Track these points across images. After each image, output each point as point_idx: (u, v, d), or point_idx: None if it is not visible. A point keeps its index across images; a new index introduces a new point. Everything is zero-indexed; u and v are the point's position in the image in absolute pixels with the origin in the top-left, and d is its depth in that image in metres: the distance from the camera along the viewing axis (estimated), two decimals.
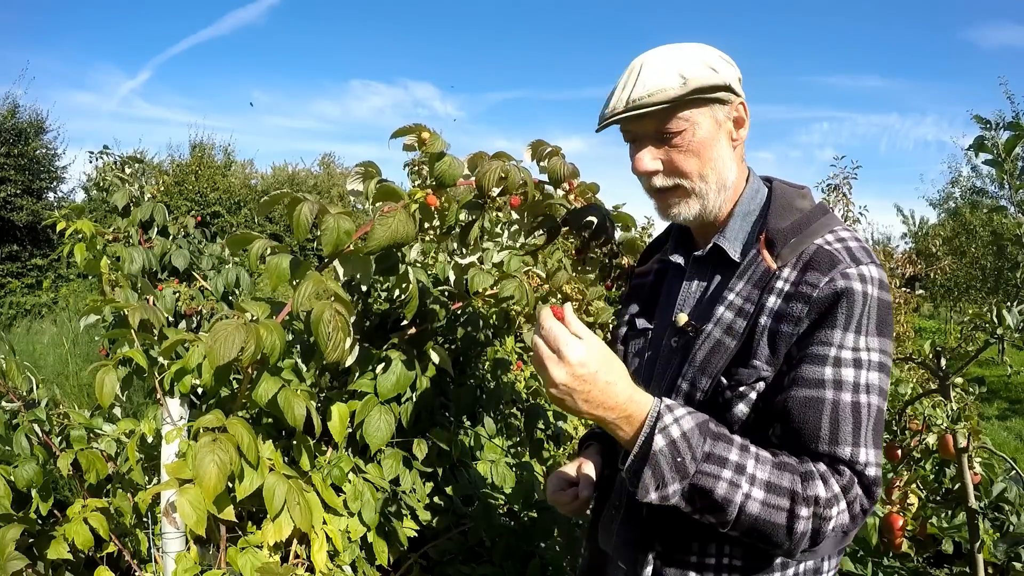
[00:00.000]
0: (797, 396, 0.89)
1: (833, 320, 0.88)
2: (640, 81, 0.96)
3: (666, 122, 0.97)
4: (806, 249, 0.94)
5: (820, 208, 1.01)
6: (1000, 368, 8.48)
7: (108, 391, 1.40)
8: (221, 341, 1.16)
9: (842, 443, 0.86)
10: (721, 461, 0.84)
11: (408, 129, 1.42)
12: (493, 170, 1.40)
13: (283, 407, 1.32)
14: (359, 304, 1.91)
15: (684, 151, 0.98)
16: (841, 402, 0.87)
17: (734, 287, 0.97)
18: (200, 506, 1.25)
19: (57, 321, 8.54)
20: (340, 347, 1.24)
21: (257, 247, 1.40)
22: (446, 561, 1.90)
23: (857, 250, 0.93)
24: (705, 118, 0.98)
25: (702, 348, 0.96)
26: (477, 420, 2.13)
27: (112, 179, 2.67)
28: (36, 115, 12.48)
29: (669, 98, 0.95)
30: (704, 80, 0.95)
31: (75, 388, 5.17)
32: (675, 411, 0.86)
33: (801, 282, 0.91)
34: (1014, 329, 1.65)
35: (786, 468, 0.86)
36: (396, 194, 1.40)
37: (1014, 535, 1.60)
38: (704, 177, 1.00)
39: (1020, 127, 1.65)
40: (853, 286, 0.89)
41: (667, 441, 0.83)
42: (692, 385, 0.96)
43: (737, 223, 1.03)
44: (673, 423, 0.84)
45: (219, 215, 13.18)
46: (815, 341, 0.89)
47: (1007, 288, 9.69)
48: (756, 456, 0.86)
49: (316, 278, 1.28)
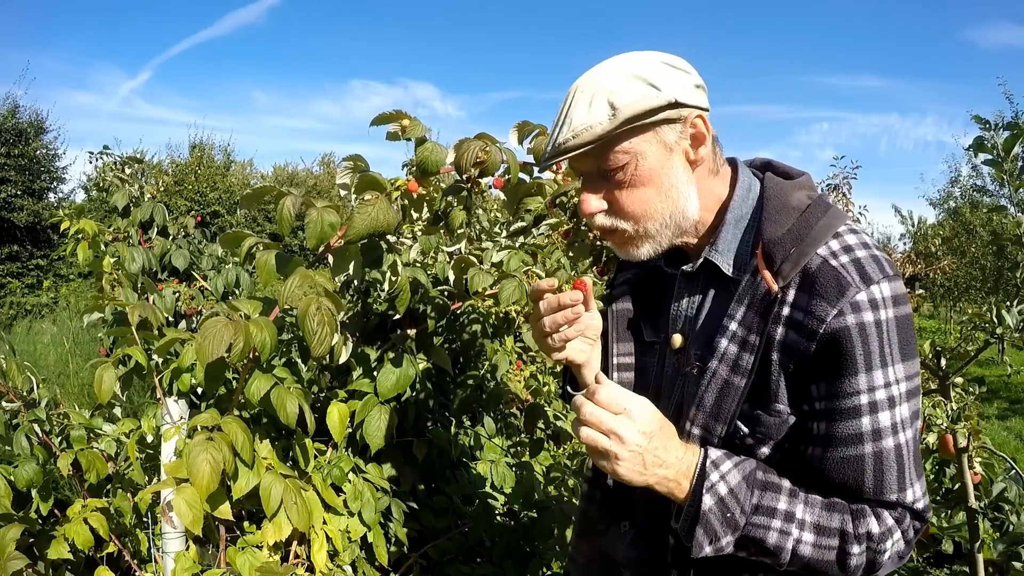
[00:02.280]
0: (834, 457, 0.83)
1: (853, 364, 0.81)
2: (567, 119, 0.86)
3: (603, 159, 0.87)
4: (809, 263, 0.84)
5: (820, 204, 0.89)
6: (1000, 368, 8.51)
7: (107, 387, 1.40)
8: (209, 338, 1.15)
9: (888, 491, 0.83)
10: (770, 512, 0.82)
11: (388, 116, 1.38)
12: (471, 149, 1.35)
13: (275, 404, 1.32)
14: (358, 303, 1.91)
15: (628, 188, 0.87)
16: (883, 452, 0.82)
17: (734, 314, 0.88)
18: (196, 505, 1.24)
19: (57, 321, 8.55)
20: (326, 342, 1.22)
21: (246, 245, 1.40)
22: (446, 561, 1.90)
23: (867, 262, 0.83)
24: (650, 146, 0.86)
25: (710, 390, 0.88)
26: (477, 420, 2.13)
27: (112, 179, 2.68)
28: (36, 115, 12.50)
29: (596, 136, 0.84)
30: (638, 106, 0.83)
31: (75, 388, 5.17)
32: (721, 466, 0.83)
33: (807, 311, 0.82)
34: (1014, 329, 1.65)
35: (836, 508, 0.84)
36: (379, 184, 1.37)
37: (1014, 535, 1.61)
38: (651, 216, 0.89)
39: (1019, 127, 1.65)
40: (864, 319, 0.80)
41: (715, 500, 0.81)
42: (706, 430, 0.89)
43: (729, 232, 0.92)
44: (720, 480, 0.82)
45: (219, 215, 13.19)
46: (840, 392, 0.82)
47: (1007, 288, 9.68)
48: (805, 500, 0.84)
49: (303, 273, 1.27)
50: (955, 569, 2.21)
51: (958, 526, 2.08)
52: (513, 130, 1.47)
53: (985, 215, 10.89)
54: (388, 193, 1.37)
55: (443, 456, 1.95)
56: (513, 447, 2.39)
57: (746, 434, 0.87)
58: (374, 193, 1.35)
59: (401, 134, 1.39)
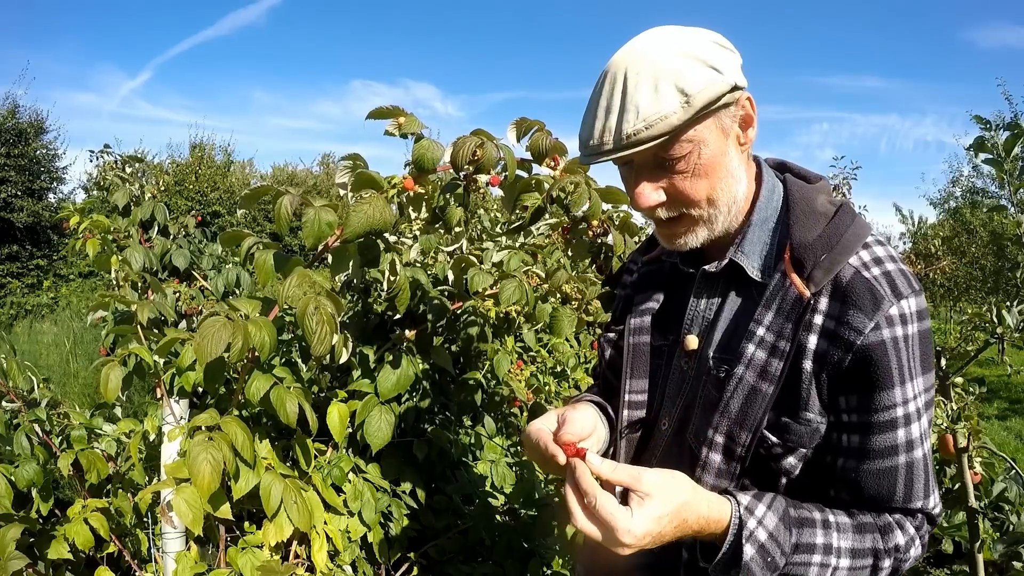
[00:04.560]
0: (870, 469, 0.84)
1: (889, 377, 0.81)
2: (629, 105, 0.80)
3: (667, 148, 0.83)
4: (841, 272, 0.83)
5: (847, 211, 0.88)
6: (1000, 368, 8.50)
7: (113, 386, 1.40)
8: (207, 338, 1.14)
9: (915, 499, 0.85)
10: (810, 548, 0.82)
11: (384, 112, 1.37)
12: (466, 146, 1.34)
13: (275, 404, 1.32)
14: (358, 303, 1.91)
15: (690, 176, 0.84)
16: (915, 462, 0.84)
17: (762, 319, 0.85)
18: (196, 505, 1.24)
19: (58, 321, 8.55)
20: (326, 341, 1.21)
21: (245, 244, 1.40)
22: (446, 560, 1.91)
23: (897, 276, 0.83)
24: (711, 132, 0.83)
25: (736, 396, 0.86)
26: (477, 420, 2.13)
27: (113, 178, 2.67)
28: (36, 115, 12.50)
29: (672, 127, 0.80)
30: (710, 92, 0.80)
31: (77, 388, 5.17)
32: (756, 511, 0.81)
33: (842, 321, 0.81)
34: (1014, 329, 1.65)
35: (866, 529, 0.85)
36: (376, 182, 1.36)
37: (1014, 535, 1.61)
38: (714, 201, 0.87)
39: (1019, 127, 1.65)
40: (897, 333, 0.81)
41: (756, 548, 0.80)
42: (730, 438, 0.86)
43: (755, 233, 0.90)
44: (758, 526, 0.80)
45: (219, 215, 13.19)
46: (877, 405, 0.82)
47: (1007, 288, 9.69)
48: (837, 527, 0.84)
49: (302, 272, 1.27)
50: (955, 569, 2.21)
51: (958, 526, 2.08)
52: (511, 127, 1.44)
53: (985, 215, 10.89)
54: (385, 191, 1.36)
55: (443, 456, 1.95)
56: (513, 447, 2.39)
57: (775, 443, 0.85)
58: (371, 191, 1.34)
59: (397, 130, 1.37)
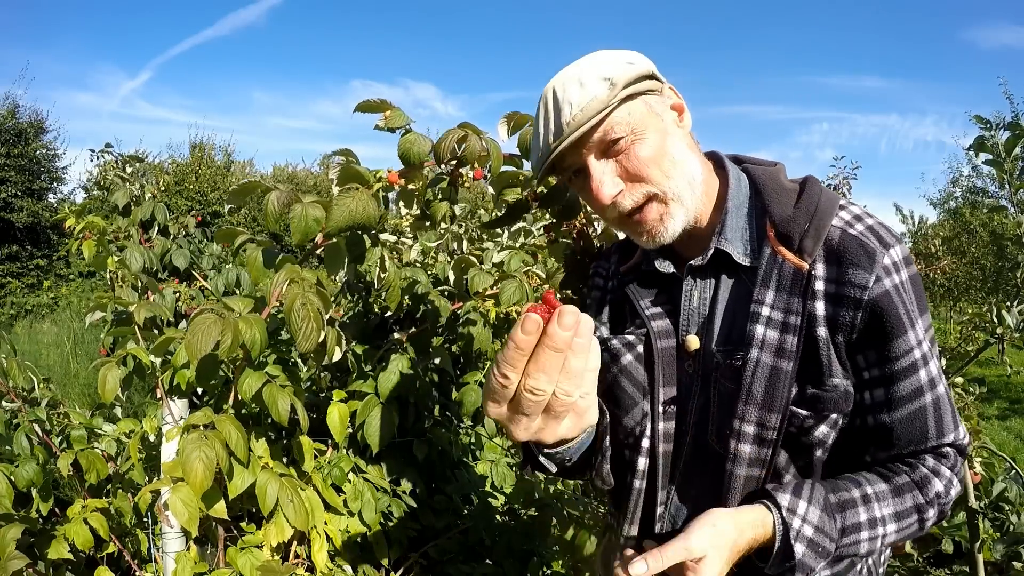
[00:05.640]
0: (902, 416, 0.86)
1: (900, 324, 0.83)
2: (563, 106, 0.87)
3: (605, 133, 0.87)
4: (830, 235, 0.85)
5: (813, 183, 0.92)
6: (1000, 368, 8.50)
7: (111, 387, 1.40)
8: (197, 335, 1.14)
9: (947, 433, 0.87)
10: (856, 527, 0.84)
11: (372, 105, 1.36)
12: (449, 139, 1.32)
13: (267, 402, 1.32)
14: (359, 304, 1.91)
15: (635, 151, 0.87)
16: (939, 397, 0.86)
17: (764, 299, 0.86)
18: (192, 504, 1.24)
19: (58, 321, 8.55)
20: (312, 337, 1.21)
21: (238, 242, 1.40)
22: (446, 560, 1.90)
23: (879, 228, 0.87)
24: (643, 111, 0.88)
25: (756, 381, 0.85)
26: (478, 420, 2.13)
27: (113, 178, 2.67)
28: (36, 115, 12.52)
29: (603, 104, 0.85)
30: (629, 74, 0.86)
31: (77, 388, 5.17)
32: (798, 510, 0.82)
33: (844, 281, 0.83)
34: (1014, 329, 1.65)
35: (904, 489, 0.87)
36: (361, 176, 1.35)
37: (1014, 535, 1.61)
38: (668, 173, 0.88)
39: (1020, 127, 1.65)
40: (896, 279, 0.84)
41: (806, 544, 0.81)
42: (760, 425, 0.85)
43: (733, 218, 0.92)
44: (803, 524, 0.82)
45: (219, 215, 13.18)
46: (895, 353, 0.84)
47: (1007, 288, 9.69)
48: (877, 497, 0.86)
49: (291, 269, 1.26)
50: (955, 569, 2.21)
51: (958, 526, 2.08)
52: (502, 121, 1.42)
53: (985, 215, 10.89)
54: (370, 185, 1.35)
55: (443, 456, 1.95)
56: (513, 447, 2.39)
57: (806, 416, 0.85)
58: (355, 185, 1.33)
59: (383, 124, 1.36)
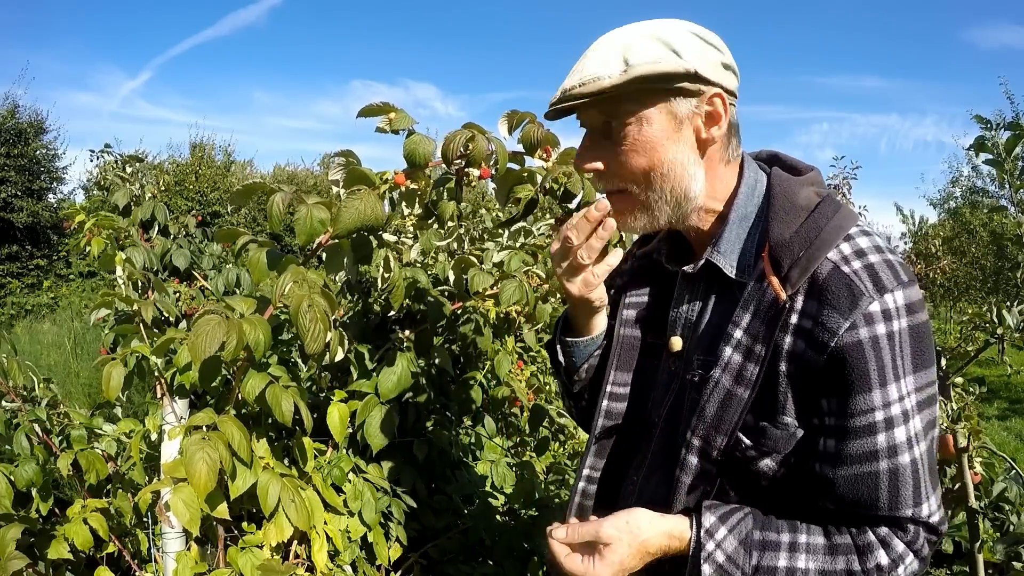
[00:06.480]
0: (847, 474, 0.80)
1: (865, 380, 0.76)
2: (582, 66, 0.83)
3: (610, 115, 0.84)
4: (819, 269, 0.79)
5: (829, 202, 0.84)
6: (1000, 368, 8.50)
7: (115, 385, 1.40)
8: (202, 336, 1.13)
9: (903, 506, 0.79)
10: (771, 571, 0.81)
11: (376, 108, 1.36)
12: (456, 139, 1.33)
13: (271, 403, 1.31)
14: (359, 304, 1.91)
15: (628, 150, 0.84)
16: (899, 467, 0.78)
17: (740, 321, 0.83)
18: (194, 505, 1.24)
19: (58, 321, 8.55)
20: (320, 338, 1.21)
21: (240, 242, 1.39)
22: (446, 560, 1.90)
23: (881, 268, 0.78)
24: (659, 113, 0.82)
25: (711, 400, 0.84)
26: (478, 420, 2.13)
27: (113, 178, 2.67)
28: (36, 115, 12.50)
29: (602, 88, 0.80)
30: (652, 67, 0.79)
31: (77, 388, 5.17)
32: (716, 534, 0.82)
33: (817, 321, 0.78)
34: (1014, 329, 1.65)
35: (839, 551, 0.81)
36: (367, 178, 1.35)
37: (1014, 535, 1.61)
38: (651, 184, 0.85)
39: (1020, 127, 1.65)
40: (877, 331, 0.76)
41: (714, 568, 0.81)
42: (706, 442, 0.85)
43: (733, 231, 0.88)
44: (716, 549, 0.82)
45: (219, 215, 13.18)
46: (853, 410, 0.78)
47: (1007, 288, 9.69)
48: (806, 548, 0.82)
49: (295, 270, 1.26)
50: (955, 569, 2.21)
51: (958, 526, 2.08)
52: (502, 119, 1.42)
53: (985, 215, 10.89)
54: (376, 187, 1.35)
55: (443, 456, 1.95)
56: (514, 447, 2.39)
57: (748, 446, 0.83)
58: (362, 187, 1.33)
59: (388, 126, 1.37)
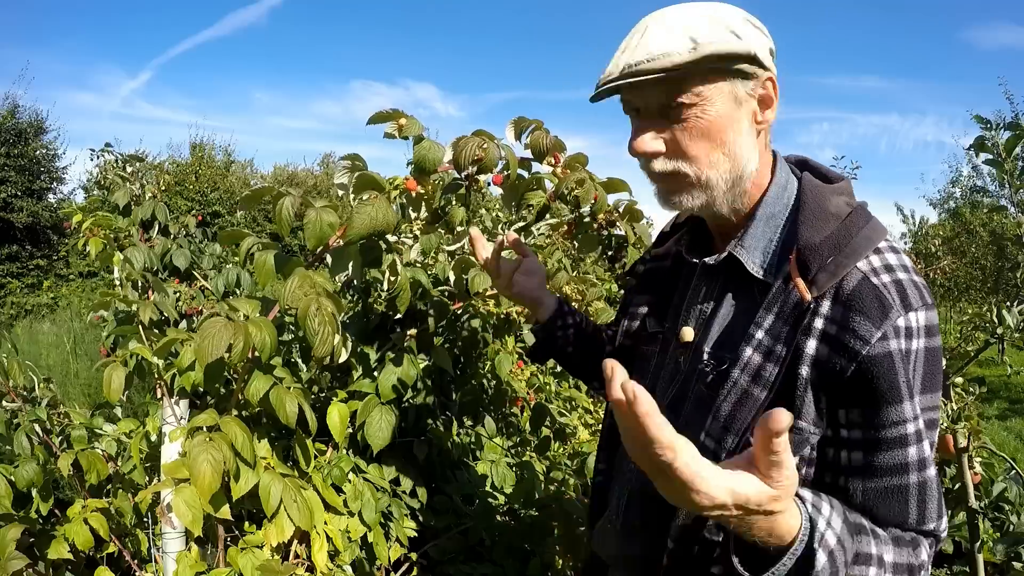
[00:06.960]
0: (878, 486, 0.78)
1: (897, 392, 0.75)
2: (643, 43, 0.80)
3: (673, 95, 0.81)
4: (848, 276, 0.78)
5: (861, 213, 0.83)
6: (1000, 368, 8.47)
7: (116, 386, 1.40)
8: (208, 339, 1.14)
9: (929, 520, 0.79)
10: (867, 559, 0.75)
11: (385, 115, 1.37)
12: (469, 147, 1.34)
13: (275, 405, 1.32)
14: (359, 303, 1.91)
15: (691, 131, 0.82)
16: (927, 482, 0.78)
17: (762, 322, 0.81)
18: (195, 505, 1.24)
19: (57, 321, 8.55)
20: (328, 341, 1.22)
21: (245, 245, 1.40)
22: (447, 560, 1.91)
23: (908, 286, 0.78)
24: (721, 93, 0.82)
25: (727, 400, 0.82)
26: (478, 420, 2.13)
27: (113, 178, 2.67)
28: (36, 115, 12.51)
29: (674, 64, 0.78)
30: (721, 47, 0.79)
31: (77, 389, 5.17)
32: (823, 511, 0.71)
33: (846, 327, 0.76)
34: (1014, 329, 1.65)
35: (901, 543, 0.79)
36: (377, 183, 1.36)
37: (1014, 535, 1.61)
38: (714, 164, 0.84)
39: (1020, 127, 1.65)
40: (905, 345, 0.76)
41: (827, 554, 0.69)
42: (717, 442, 0.82)
43: (759, 227, 0.87)
44: (827, 528, 0.70)
45: (219, 215, 13.18)
46: (883, 421, 0.76)
47: (1007, 288, 9.69)
48: (883, 538, 0.78)
49: (303, 274, 1.26)
50: (955, 569, 2.21)
51: (958, 526, 2.08)
52: (510, 126, 1.44)
53: (985, 215, 10.89)
54: (387, 192, 1.36)
55: (443, 456, 1.95)
56: (514, 447, 2.39)
57: None
58: (373, 193, 1.34)
59: (398, 133, 1.38)
